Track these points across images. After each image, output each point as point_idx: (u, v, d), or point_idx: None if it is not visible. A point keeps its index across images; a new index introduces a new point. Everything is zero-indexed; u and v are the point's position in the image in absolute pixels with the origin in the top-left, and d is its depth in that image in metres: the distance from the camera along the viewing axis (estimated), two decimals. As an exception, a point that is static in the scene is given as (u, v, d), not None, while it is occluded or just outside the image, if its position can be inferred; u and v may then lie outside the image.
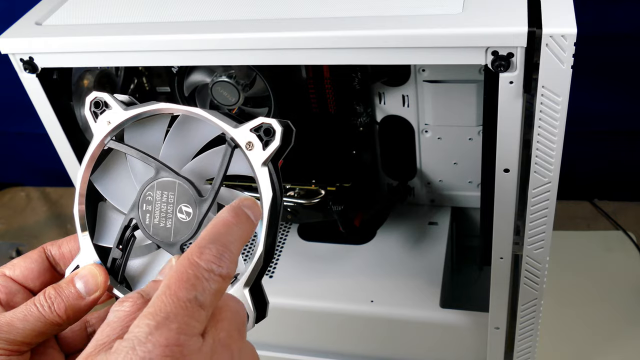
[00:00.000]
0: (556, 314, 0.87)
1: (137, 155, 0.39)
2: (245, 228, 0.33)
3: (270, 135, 0.36)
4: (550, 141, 0.50)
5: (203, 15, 0.55)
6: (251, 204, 0.35)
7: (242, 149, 0.37)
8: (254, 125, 0.37)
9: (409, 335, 0.76)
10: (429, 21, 0.48)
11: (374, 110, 0.77)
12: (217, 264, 0.31)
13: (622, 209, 1.07)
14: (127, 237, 0.40)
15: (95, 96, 0.40)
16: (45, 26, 0.58)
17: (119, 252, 0.40)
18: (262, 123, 0.37)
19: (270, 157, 0.37)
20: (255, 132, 0.37)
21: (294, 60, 0.52)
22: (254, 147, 0.37)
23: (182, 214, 0.38)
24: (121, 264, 0.40)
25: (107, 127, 0.40)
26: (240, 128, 0.37)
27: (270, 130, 0.36)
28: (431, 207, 0.86)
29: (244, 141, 0.37)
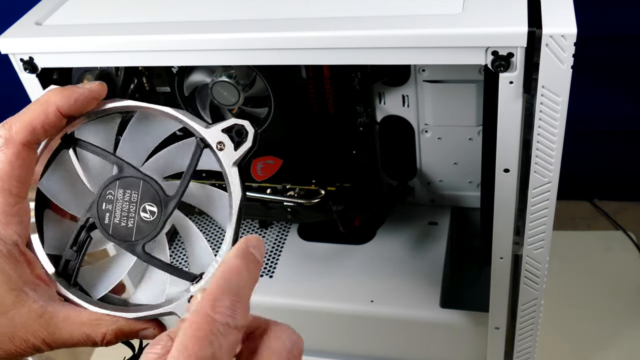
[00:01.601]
0: (556, 314, 0.87)
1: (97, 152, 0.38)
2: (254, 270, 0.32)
3: (242, 136, 0.37)
4: (550, 141, 0.50)
5: (203, 15, 0.55)
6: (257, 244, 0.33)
7: (213, 149, 0.37)
8: (226, 126, 0.37)
9: (409, 335, 0.76)
10: (429, 21, 0.48)
11: (374, 110, 0.77)
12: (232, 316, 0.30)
13: (622, 209, 1.07)
14: (83, 238, 0.38)
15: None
16: (45, 26, 0.58)
17: (73, 254, 0.38)
18: (235, 124, 0.37)
19: (242, 157, 0.37)
20: (227, 132, 0.37)
21: (294, 60, 0.52)
22: (225, 148, 0.37)
23: (146, 213, 0.37)
24: (75, 266, 0.38)
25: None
26: (212, 128, 0.37)
27: (243, 131, 0.37)
28: (431, 207, 0.86)
29: (214, 141, 0.37)
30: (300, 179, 0.74)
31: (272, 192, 0.74)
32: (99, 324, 0.37)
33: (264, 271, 0.81)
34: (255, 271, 0.32)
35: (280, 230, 0.88)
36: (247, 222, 0.90)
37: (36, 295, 0.36)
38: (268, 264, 0.82)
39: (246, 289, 0.31)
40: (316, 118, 0.75)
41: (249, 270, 0.32)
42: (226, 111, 0.74)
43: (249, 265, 0.32)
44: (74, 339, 0.36)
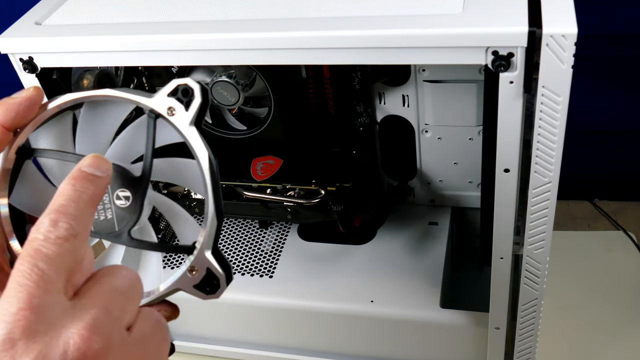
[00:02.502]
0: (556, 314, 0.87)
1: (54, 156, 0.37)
2: (89, 185, 0.32)
3: (189, 95, 0.36)
4: (551, 141, 0.50)
5: (203, 15, 0.55)
6: (90, 161, 0.33)
7: (165, 117, 0.36)
8: (171, 89, 0.36)
9: (409, 335, 0.76)
10: (429, 21, 0.48)
11: (374, 110, 0.77)
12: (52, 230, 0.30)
13: (622, 209, 1.07)
14: None
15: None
16: (45, 26, 0.58)
17: None
18: (178, 85, 0.36)
19: (196, 115, 0.35)
20: (173, 96, 0.36)
21: (294, 60, 0.52)
22: (177, 111, 0.36)
23: (121, 200, 0.36)
24: None
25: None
26: (157, 96, 0.36)
27: (188, 90, 0.35)
28: (431, 207, 0.86)
29: (164, 108, 0.36)
30: (300, 179, 0.74)
31: (272, 192, 0.74)
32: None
33: (264, 271, 0.81)
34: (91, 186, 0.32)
35: (280, 230, 0.88)
36: (247, 222, 0.90)
37: None
38: (268, 264, 0.82)
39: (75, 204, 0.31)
40: (316, 118, 0.75)
41: (79, 186, 0.32)
42: (226, 111, 0.74)
43: (78, 182, 0.32)
44: None
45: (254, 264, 0.83)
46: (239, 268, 0.83)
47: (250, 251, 0.85)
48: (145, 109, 0.36)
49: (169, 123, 0.36)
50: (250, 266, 0.83)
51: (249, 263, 0.83)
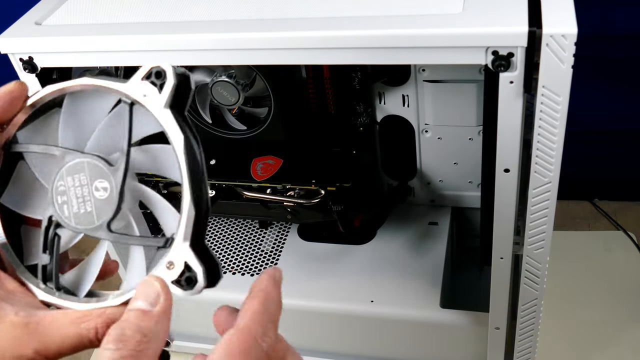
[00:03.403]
0: (556, 314, 0.87)
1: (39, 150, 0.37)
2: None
3: (162, 77, 0.35)
4: (551, 141, 0.50)
5: (203, 15, 0.55)
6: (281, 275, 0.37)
7: (138, 102, 0.35)
8: (144, 74, 0.35)
9: (409, 335, 0.76)
10: (429, 21, 0.48)
11: (374, 110, 0.77)
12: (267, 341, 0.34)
13: (622, 209, 1.07)
14: (51, 237, 0.36)
15: None
16: (44, 26, 0.58)
17: (47, 257, 0.36)
18: (151, 68, 0.35)
19: (170, 97, 0.34)
20: (146, 79, 0.35)
21: (294, 60, 0.52)
22: (151, 95, 0.35)
23: (99, 191, 0.35)
24: (52, 268, 0.37)
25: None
26: (130, 81, 0.35)
27: (161, 72, 0.35)
28: (431, 207, 0.86)
29: (139, 94, 0.35)
30: (300, 179, 0.74)
31: (272, 192, 0.74)
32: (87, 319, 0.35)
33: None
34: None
35: (280, 230, 0.88)
36: (247, 222, 0.90)
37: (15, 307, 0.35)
38: (268, 264, 0.82)
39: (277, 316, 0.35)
40: (316, 118, 0.75)
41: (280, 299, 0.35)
42: (226, 111, 0.74)
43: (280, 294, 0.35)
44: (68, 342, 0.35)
45: (254, 264, 0.83)
46: (239, 268, 0.83)
47: (250, 251, 0.85)
48: (120, 95, 0.35)
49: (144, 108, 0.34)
50: (250, 266, 0.83)
51: (249, 263, 0.83)
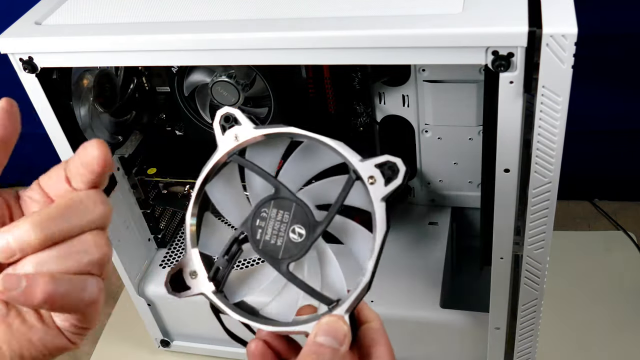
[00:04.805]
0: (556, 314, 0.87)
1: (259, 173, 0.40)
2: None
3: (393, 173, 0.38)
4: (551, 141, 0.50)
5: (203, 15, 0.55)
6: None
7: (364, 182, 0.38)
8: (380, 162, 0.38)
9: (409, 335, 0.76)
10: (429, 21, 0.48)
11: (374, 110, 0.77)
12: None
13: (622, 209, 1.07)
14: (235, 249, 0.40)
15: (226, 111, 0.41)
16: (44, 26, 0.58)
17: (224, 262, 0.40)
18: (387, 161, 0.38)
19: (390, 193, 0.38)
20: (379, 167, 0.38)
21: (294, 60, 0.52)
22: (376, 182, 0.38)
23: (295, 235, 0.39)
24: (225, 274, 0.41)
25: (233, 141, 0.40)
26: (366, 162, 0.38)
27: (394, 169, 0.38)
28: (431, 207, 0.86)
29: (366, 175, 0.38)
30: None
31: None
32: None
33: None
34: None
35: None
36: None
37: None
38: (268, 264, 0.82)
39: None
40: (316, 118, 0.75)
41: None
42: (226, 111, 0.74)
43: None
44: None
45: (254, 264, 0.83)
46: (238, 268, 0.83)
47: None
48: (352, 168, 0.39)
49: (365, 190, 0.38)
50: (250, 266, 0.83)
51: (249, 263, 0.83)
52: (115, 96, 0.73)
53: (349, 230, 0.41)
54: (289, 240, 0.39)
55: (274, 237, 0.39)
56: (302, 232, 0.39)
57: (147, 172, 0.81)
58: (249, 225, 0.40)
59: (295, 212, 0.39)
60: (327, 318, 0.38)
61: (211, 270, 0.41)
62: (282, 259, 0.39)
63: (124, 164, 0.78)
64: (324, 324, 0.38)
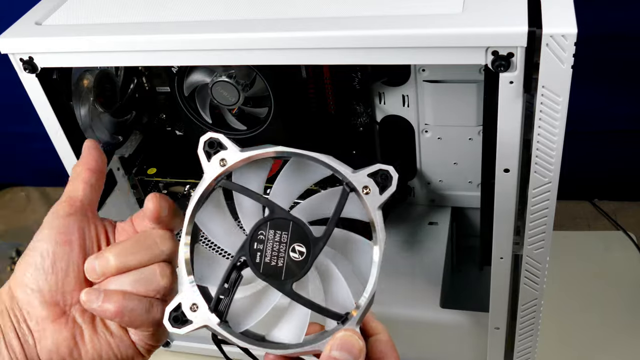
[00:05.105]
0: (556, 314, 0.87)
1: (251, 195, 0.40)
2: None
3: (387, 180, 0.38)
4: (551, 141, 0.50)
5: (203, 15, 0.55)
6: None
7: (359, 193, 0.38)
8: (372, 171, 0.38)
9: (409, 335, 0.76)
10: (429, 21, 0.48)
11: (374, 110, 0.77)
12: None
13: (622, 209, 1.07)
14: (235, 276, 0.39)
15: (209, 136, 0.41)
16: (45, 26, 0.58)
17: (225, 290, 0.40)
18: (380, 169, 0.38)
19: (387, 201, 0.38)
20: (372, 177, 0.38)
21: (294, 60, 0.52)
22: (371, 192, 0.38)
23: (295, 253, 0.39)
24: (227, 303, 0.40)
25: (219, 167, 0.40)
26: (358, 173, 0.39)
27: (388, 176, 0.38)
28: (431, 207, 0.86)
29: (360, 185, 0.38)
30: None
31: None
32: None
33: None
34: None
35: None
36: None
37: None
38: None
39: None
40: (316, 118, 0.75)
41: None
42: (226, 111, 0.74)
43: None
44: None
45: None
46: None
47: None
48: (345, 180, 0.39)
49: (361, 200, 0.38)
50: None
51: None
52: (116, 96, 0.73)
53: (349, 241, 0.41)
54: (290, 260, 0.39)
55: (275, 259, 0.39)
56: (302, 250, 0.38)
57: (147, 172, 0.81)
58: (247, 250, 0.39)
59: (294, 231, 0.39)
60: (341, 333, 0.38)
61: (212, 301, 0.40)
62: (285, 279, 0.39)
63: (124, 164, 0.78)
64: (338, 339, 0.38)
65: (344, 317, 0.39)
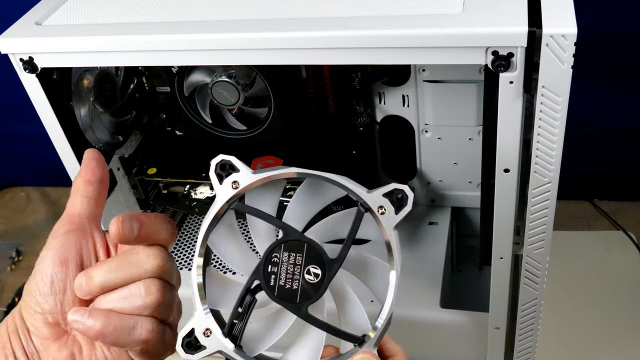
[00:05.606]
0: (556, 314, 0.87)
1: (264, 218, 0.39)
2: None
3: (402, 200, 0.38)
4: (550, 141, 0.50)
5: (203, 15, 0.55)
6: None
7: (375, 213, 0.38)
8: (387, 191, 0.38)
9: (409, 335, 0.76)
10: (429, 21, 0.48)
11: (374, 110, 0.77)
12: None
13: (622, 209, 1.07)
14: (249, 299, 0.39)
15: (221, 159, 0.40)
16: (45, 26, 0.58)
17: (239, 315, 0.39)
18: (395, 189, 0.38)
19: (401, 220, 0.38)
20: (387, 197, 0.38)
21: (294, 60, 0.52)
22: (386, 212, 0.38)
23: (310, 275, 0.38)
24: (241, 327, 0.39)
25: (231, 189, 0.39)
26: (373, 193, 0.38)
27: (403, 197, 0.38)
28: (431, 207, 0.86)
29: (375, 205, 0.38)
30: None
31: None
32: None
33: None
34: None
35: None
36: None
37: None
38: (268, 264, 0.82)
39: None
40: (316, 118, 0.75)
41: None
42: (226, 111, 0.74)
43: None
44: None
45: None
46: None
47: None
48: (359, 201, 0.38)
49: (376, 220, 0.38)
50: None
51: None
52: (116, 96, 0.73)
53: (364, 263, 0.41)
54: (305, 282, 0.38)
55: (289, 282, 0.38)
56: (317, 272, 0.38)
57: (147, 172, 0.81)
58: (261, 273, 0.38)
59: (308, 253, 0.38)
60: (359, 356, 0.38)
61: (226, 326, 0.39)
62: (301, 302, 0.38)
63: (124, 164, 0.78)
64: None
65: (361, 340, 0.39)
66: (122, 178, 0.78)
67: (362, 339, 0.39)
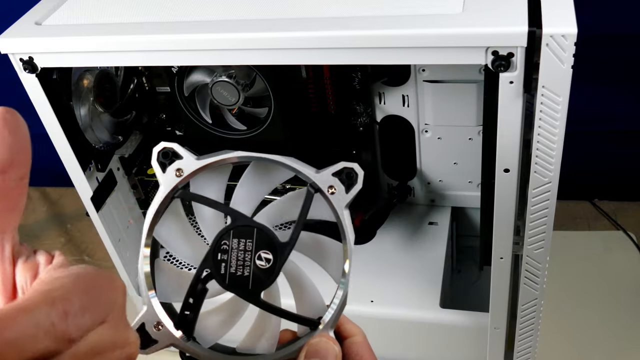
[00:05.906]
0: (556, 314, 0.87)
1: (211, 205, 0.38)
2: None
3: (352, 178, 0.37)
4: (551, 141, 0.50)
5: (203, 15, 0.55)
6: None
7: (325, 193, 0.37)
8: (336, 170, 0.37)
9: (409, 335, 0.76)
10: (429, 21, 0.48)
11: (374, 110, 0.77)
12: None
13: (622, 209, 1.07)
14: (200, 289, 0.38)
15: (163, 146, 0.38)
16: (44, 26, 0.58)
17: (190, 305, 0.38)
18: (344, 167, 0.37)
19: (353, 199, 0.37)
20: (336, 176, 0.37)
21: (294, 60, 0.52)
22: (337, 191, 0.37)
23: (262, 261, 0.37)
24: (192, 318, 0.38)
25: (175, 178, 0.38)
26: (322, 173, 0.38)
27: (353, 175, 0.37)
28: (431, 207, 0.86)
29: (325, 185, 0.37)
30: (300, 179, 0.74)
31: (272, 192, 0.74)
32: None
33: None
34: None
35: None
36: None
37: None
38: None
39: None
40: (316, 118, 0.75)
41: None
42: (226, 111, 0.74)
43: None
44: None
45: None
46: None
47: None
48: (308, 181, 0.38)
49: (327, 200, 0.37)
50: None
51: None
52: (116, 96, 0.73)
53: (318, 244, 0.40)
54: (257, 268, 0.37)
55: (240, 268, 0.37)
56: (269, 257, 0.37)
57: (147, 172, 0.81)
58: (210, 261, 0.37)
59: (258, 238, 0.37)
60: (315, 339, 0.37)
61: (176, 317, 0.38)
62: (253, 289, 0.37)
63: (124, 164, 0.78)
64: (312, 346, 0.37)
65: (317, 323, 0.38)
66: (122, 178, 0.78)
67: (317, 322, 0.38)
